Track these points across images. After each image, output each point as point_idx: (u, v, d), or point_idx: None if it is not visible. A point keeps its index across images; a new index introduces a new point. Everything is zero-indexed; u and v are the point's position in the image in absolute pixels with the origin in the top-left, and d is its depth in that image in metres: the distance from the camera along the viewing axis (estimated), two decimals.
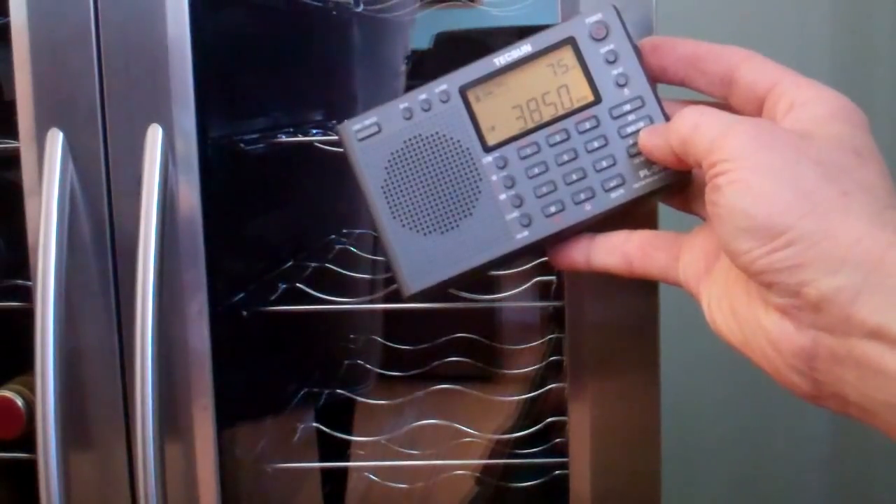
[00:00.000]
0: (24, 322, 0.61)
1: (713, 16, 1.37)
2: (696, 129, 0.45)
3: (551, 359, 0.87)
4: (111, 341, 0.63)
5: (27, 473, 0.61)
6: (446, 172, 0.52)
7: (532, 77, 0.52)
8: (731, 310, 0.46)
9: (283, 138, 0.78)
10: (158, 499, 0.60)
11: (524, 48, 0.52)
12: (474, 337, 0.94)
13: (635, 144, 0.51)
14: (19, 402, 0.66)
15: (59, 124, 0.62)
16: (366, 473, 0.88)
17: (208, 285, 0.63)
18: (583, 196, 0.51)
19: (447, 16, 1.08)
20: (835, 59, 1.38)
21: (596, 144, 0.51)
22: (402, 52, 1.10)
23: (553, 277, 0.77)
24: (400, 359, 0.95)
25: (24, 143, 0.62)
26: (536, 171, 0.52)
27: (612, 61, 0.51)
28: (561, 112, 0.52)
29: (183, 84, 0.61)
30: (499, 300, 0.77)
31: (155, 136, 0.61)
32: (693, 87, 0.51)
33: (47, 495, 0.60)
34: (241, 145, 0.73)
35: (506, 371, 0.94)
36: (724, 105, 0.50)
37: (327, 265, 0.85)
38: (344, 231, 0.97)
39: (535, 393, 0.85)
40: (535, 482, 0.78)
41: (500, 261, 0.52)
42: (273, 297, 0.77)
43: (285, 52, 0.86)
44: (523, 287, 0.79)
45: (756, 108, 0.48)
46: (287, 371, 0.88)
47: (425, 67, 1.10)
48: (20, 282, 0.71)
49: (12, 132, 0.63)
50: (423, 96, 0.52)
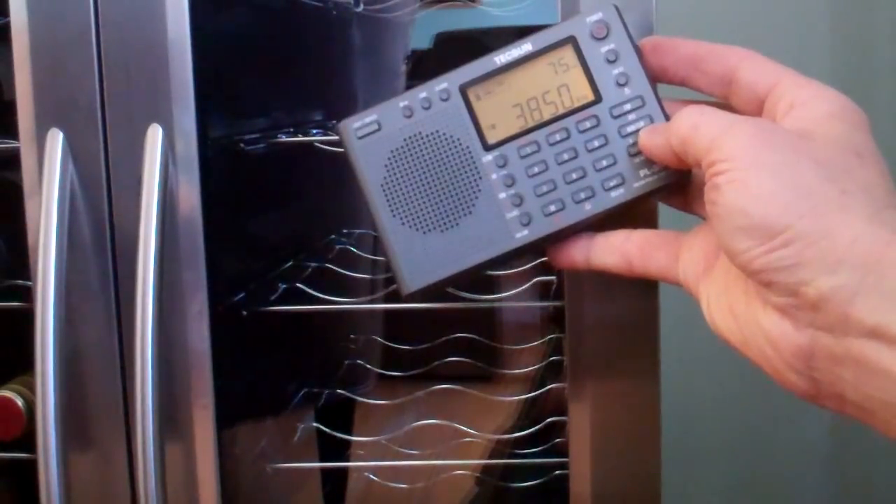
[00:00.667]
0: (24, 322, 0.61)
1: (713, 16, 1.37)
2: (695, 129, 0.45)
3: (551, 359, 0.87)
4: (111, 341, 0.63)
5: (27, 473, 0.61)
6: (446, 171, 0.52)
7: (532, 76, 0.52)
8: (729, 309, 0.46)
9: (283, 138, 0.78)
10: (158, 499, 0.60)
11: (525, 47, 0.52)
12: (474, 337, 0.94)
13: (635, 144, 0.51)
14: (19, 402, 0.66)
15: (59, 124, 0.62)
16: (366, 473, 0.88)
17: (208, 285, 0.63)
18: (583, 195, 0.51)
19: (447, 16, 1.08)
20: (835, 59, 1.38)
21: (596, 143, 0.51)
22: (402, 52, 1.10)
23: (553, 277, 0.77)
24: (400, 359, 0.95)
25: (24, 143, 0.62)
26: (536, 169, 0.52)
27: (612, 60, 0.51)
28: (561, 111, 0.52)
29: (183, 84, 0.61)
30: (499, 300, 0.77)
31: (155, 136, 0.61)
32: (693, 87, 0.51)
33: (47, 495, 0.60)
34: (241, 145, 0.74)
35: (506, 371, 0.94)
36: (725, 105, 0.50)
37: (327, 265, 0.85)
38: (344, 231, 0.97)
39: (535, 393, 0.85)
40: (535, 482, 0.78)
41: (499, 259, 0.52)
42: (273, 297, 0.77)
43: (285, 53, 0.86)
44: (523, 287, 0.79)
45: (756, 108, 0.48)
46: (287, 371, 0.88)
47: (425, 67, 1.10)
48: (20, 282, 0.71)
49: (12, 132, 0.63)
50: (424, 94, 0.52)
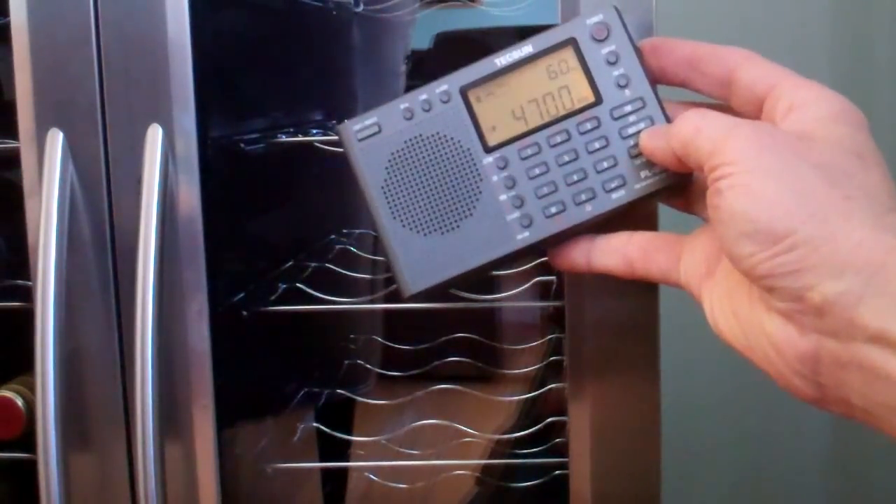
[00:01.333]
0: (24, 322, 0.61)
1: (713, 16, 1.37)
2: (697, 133, 0.45)
3: (551, 359, 0.87)
4: (111, 341, 0.63)
5: (27, 473, 0.61)
6: (447, 173, 0.52)
7: (533, 78, 0.52)
8: (733, 313, 0.46)
9: (283, 138, 0.78)
10: (158, 499, 0.60)
11: (525, 49, 0.52)
12: (474, 337, 0.94)
13: (636, 145, 0.51)
14: (19, 402, 0.66)
15: (59, 124, 0.62)
16: (366, 473, 0.88)
17: (208, 285, 0.63)
18: (583, 197, 0.51)
19: (447, 16, 1.08)
20: (835, 59, 1.38)
21: (597, 145, 0.51)
22: (402, 52, 1.10)
23: (553, 277, 0.77)
24: (400, 359, 0.95)
25: (24, 143, 0.62)
26: (537, 171, 0.52)
27: (613, 62, 0.51)
28: (562, 113, 0.52)
29: (183, 84, 0.61)
30: (499, 300, 0.77)
31: (155, 136, 0.61)
32: (693, 89, 0.51)
33: (47, 495, 0.60)
34: (241, 145, 0.73)
35: (506, 371, 0.94)
36: (725, 107, 0.50)
37: (327, 265, 0.85)
38: (344, 231, 0.97)
39: (535, 393, 0.85)
40: (535, 482, 0.78)
41: (500, 261, 0.52)
42: (273, 297, 0.77)
43: (285, 53, 0.86)
44: (523, 287, 0.79)
45: (756, 109, 0.48)
46: (287, 371, 0.88)
47: (425, 67, 1.10)
48: (20, 282, 0.71)
49: (12, 132, 0.63)
50: (424, 96, 0.52)
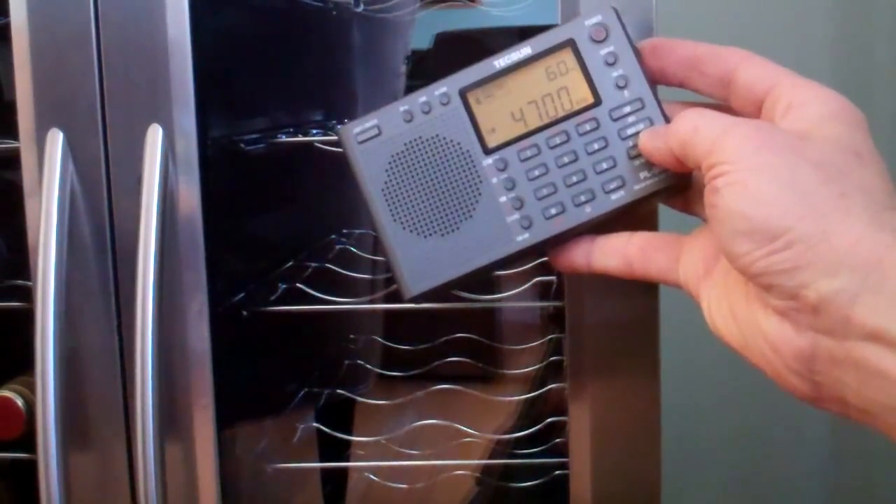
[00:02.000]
0: (24, 322, 0.61)
1: (713, 16, 1.37)
2: (695, 132, 0.45)
3: (551, 359, 0.87)
4: (111, 341, 0.63)
5: (27, 473, 0.61)
6: (447, 175, 0.52)
7: (532, 79, 0.52)
8: (730, 312, 0.46)
9: (283, 138, 0.78)
10: (158, 499, 0.60)
11: (524, 50, 0.52)
12: (474, 337, 0.94)
13: (635, 146, 0.51)
14: (19, 402, 0.66)
15: (59, 124, 0.62)
16: (366, 473, 0.88)
17: (208, 285, 0.63)
18: (583, 198, 0.51)
19: (447, 16, 1.08)
20: (835, 59, 1.38)
21: (596, 146, 0.51)
22: (402, 52, 1.10)
23: (553, 278, 0.77)
24: (400, 359, 0.95)
25: (24, 143, 0.62)
26: (537, 173, 0.52)
27: (611, 63, 0.51)
28: (561, 114, 0.52)
29: (183, 84, 0.61)
30: (499, 300, 0.77)
31: (155, 136, 0.61)
32: (692, 89, 0.51)
33: (47, 495, 0.60)
34: (241, 145, 0.73)
35: (506, 371, 0.94)
36: (724, 106, 0.50)
37: (327, 265, 0.85)
38: (344, 231, 0.97)
39: (535, 393, 0.85)
40: (535, 482, 0.78)
41: (500, 263, 0.52)
42: (273, 297, 0.77)
43: (285, 53, 0.86)
44: (523, 287, 0.79)
45: (755, 109, 0.48)
46: (287, 371, 0.88)
47: (425, 67, 1.10)
48: (20, 282, 0.71)
49: (12, 132, 0.63)
50: (424, 98, 0.52)
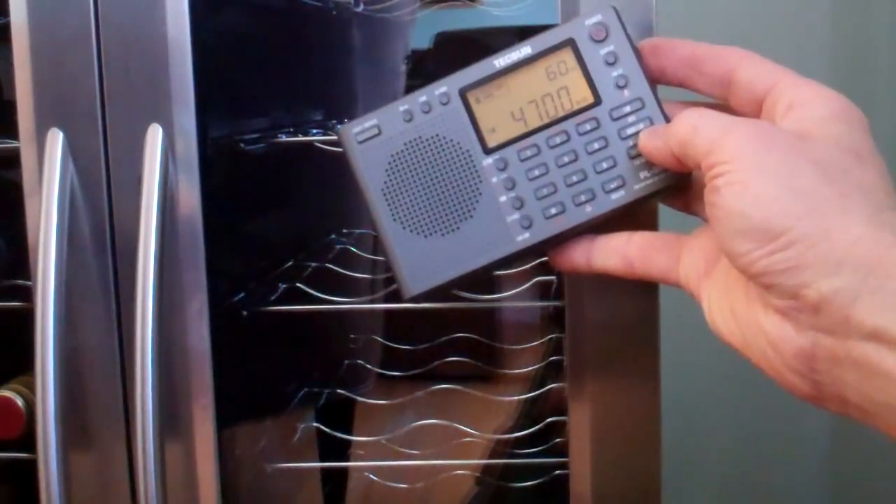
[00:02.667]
0: (24, 322, 0.61)
1: (713, 16, 1.37)
2: (694, 132, 0.45)
3: (551, 359, 0.87)
4: (111, 341, 0.63)
5: (27, 473, 0.61)
6: (447, 174, 0.52)
7: (532, 79, 0.52)
8: (730, 311, 0.46)
9: (283, 138, 0.78)
10: (158, 499, 0.60)
11: (524, 50, 0.52)
12: (474, 337, 0.94)
13: (635, 146, 0.51)
14: (19, 402, 0.66)
15: (59, 124, 0.62)
16: (366, 473, 0.88)
17: (208, 285, 0.63)
18: (583, 198, 0.51)
19: (447, 16, 1.08)
20: (835, 59, 1.38)
21: (596, 146, 0.51)
22: (402, 52, 1.10)
23: (553, 277, 0.77)
24: (400, 359, 0.95)
25: (24, 143, 0.62)
26: (537, 172, 0.52)
27: (611, 63, 0.51)
28: (561, 114, 0.52)
29: (183, 84, 0.61)
30: (499, 300, 0.77)
31: (155, 135, 0.61)
32: (693, 89, 0.51)
33: (47, 495, 0.60)
34: (241, 145, 0.74)
35: (506, 371, 0.94)
36: (724, 106, 0.50)
37: (327, 265, 0.85)
38: (344, 231, 0.97)
39: (535, 393, 0.85)
40: (535, 482, 0.78)
41: (501, 262, 0.52)
42: (273, 297, 0.77)
43: (285, 52, 0.86)
44: (523, 287, 0.79)
45: (755, 109, 0.48)
46: (287, 371, 0.88)
47: (425, 67, 1.10)
48: (20, 282, 0.71)
49: (12, 132, 0.63)
50: (423, 98, 0.52)
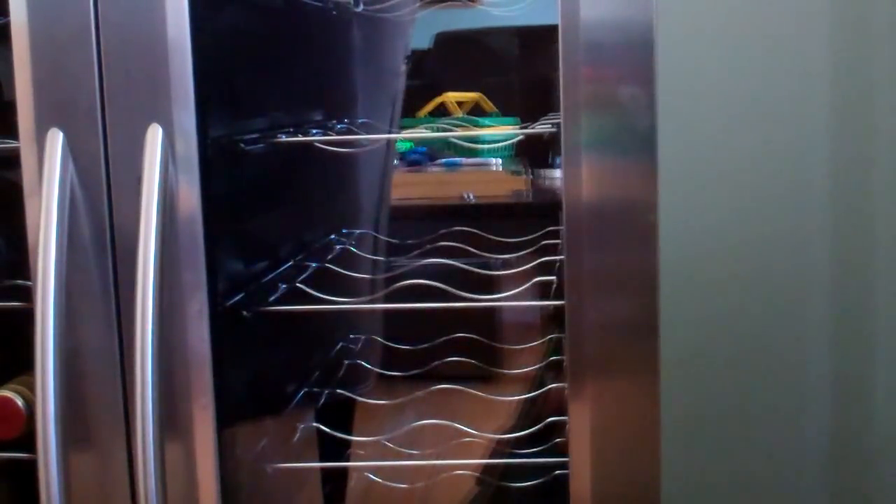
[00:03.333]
0: (24, 322, 0.61)
1: (713, 16, 1.37)
2: None
3: (551, 359, 0.87)
4: (111, 341, 0.63)
5: (27, 473, 0.61)
6: None
7: None
8: None
9: (283, 138, 0.78)
10: (158, 499, 0.60)
11: None
12: (474, 337, 0.94)
13: None
14: (19, 402, 0.66)
15: (59, 124, 0.62)
16: (366, 473, 0.88)
17: (208, 285, 0.63)
18: None
19: (447, 16, 1.08)
20: (835, 59, 1.38)
21: None
22: (402, 52, 1.10)
23: (553, 278, 0.77)
24: (400, 359, 0.95)
25: (24, 143, 0.62)
26: None
27: None
28: None
29: (183, 84, 0.61)
30: (499, 300, 0.77)
31: (155, 135, 0.61)
32: None
33: (47, 495, 0.60)
34: (242, 145, 0.73)
35: (506, 371, 0.94)
36: None
37: (327, 265, 0.85)
38: (344, 231, 0.98)
39: (535, 393, 0.85)
40: (535, 482, 0.78)
41: None
42: (273, 297, 0.77)
43: (285, 53, 0.86)
44: (523, 287, 0.79)
45: None
46: (287, 371, 0.88)
47: (425, 67, 1.10)
48: (20, 282, 0.71)
49: (12, 132, 0.63)
50: None
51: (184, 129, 0.61)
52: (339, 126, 0.93)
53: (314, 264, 0.86)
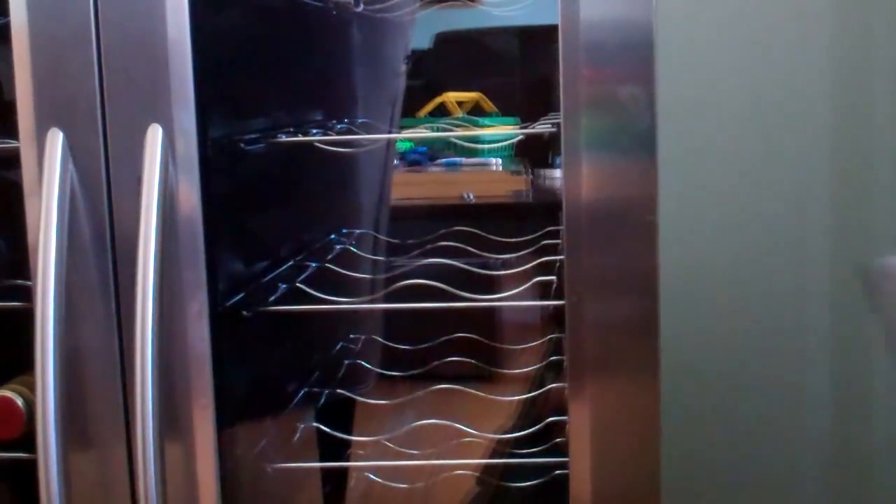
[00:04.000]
0: (24, 322, 0.61)
1: (713, 16, 1.37)
2: None
3: (551, 359, 0.87)
4: (111, 341, 0.63)
5: (27, 473, 0.61)
6: None
7: None
8: None
9: (283, 138, 0.78)
10: (158, 499, 0.60)
11: None
12: (474, 337, 0.94)
13: None
14: (19, 402, 0.66)
15: (59, 124, 0.62)
16: (366, 473, 0.88)
17: (208, 285, 0.63)
18: None
19: (447, 16, 1.08)
20: (835, 59, 1.38)
21: None
22: (402, 52, 1.10)
23: (553, 277, 0.77)
24: (400, 359, 0.95)
25: (24, 143, 0.62)
26: None
27: None
28: None
29: (183, 84, 0.61)
30: (499, 300, 0.77)
31: (155, 135, 0.61)
32: None
33: (47, 495, 0.60)
34: (241, 145, 0.73)
35: (506, 371, 0.94)
36: None
37: (327, 265, 0.85)
38: (344, 231, 0.98)
39: (535, 393, 0.85)
40: (535, 482, 0.78)
41: None
42: (273, 297, 0.77)
43: (285, 53, 0.86)
44: (523, 287, 0.79)
45: None
46: (287, 371, 0.88)
47: (425, 67, 1.11)
48: (20, 282, 0.71)
49: (12, 132, 0.63)
50: None
51: (184, 129, 0.62)
52: (339, 126, 0.93)
53: (314, 264, 0.86)
